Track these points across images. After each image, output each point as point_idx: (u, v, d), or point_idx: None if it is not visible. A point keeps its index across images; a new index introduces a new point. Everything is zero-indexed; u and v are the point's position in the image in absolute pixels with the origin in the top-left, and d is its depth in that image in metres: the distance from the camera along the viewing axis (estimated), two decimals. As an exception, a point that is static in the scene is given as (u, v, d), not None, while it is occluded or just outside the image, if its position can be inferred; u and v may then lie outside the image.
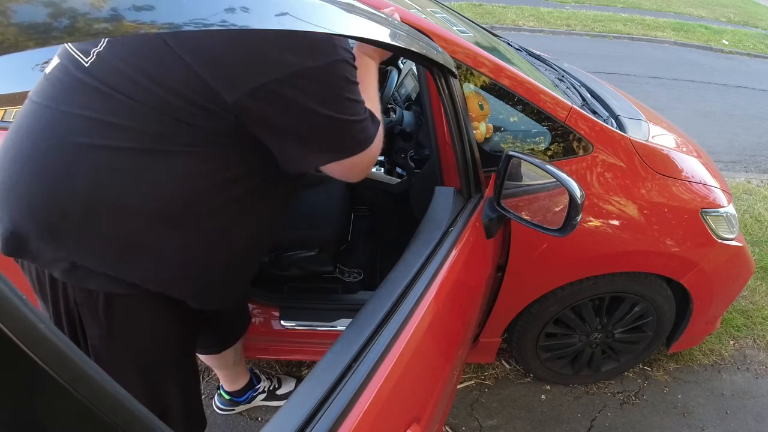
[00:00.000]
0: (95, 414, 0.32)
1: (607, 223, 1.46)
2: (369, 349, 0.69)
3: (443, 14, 1.93)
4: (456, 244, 1.00)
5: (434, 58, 0.91)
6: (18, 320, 0.27)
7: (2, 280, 0.27)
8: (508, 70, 1.36)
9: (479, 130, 1.40)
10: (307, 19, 0.62)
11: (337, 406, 0.59)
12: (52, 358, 0.28)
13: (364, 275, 1.84)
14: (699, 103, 5.43)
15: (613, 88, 2.15)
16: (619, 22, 8.62)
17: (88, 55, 0.79)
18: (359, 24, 0.68)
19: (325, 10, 0.64)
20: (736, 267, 1.67)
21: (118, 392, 0.33)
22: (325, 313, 1.67)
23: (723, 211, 1.57)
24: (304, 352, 1.73)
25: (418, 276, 0.87)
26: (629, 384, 1.97)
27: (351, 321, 0.76)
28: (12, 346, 0.26)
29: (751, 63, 7.65)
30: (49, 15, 0.28)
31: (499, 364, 1.99)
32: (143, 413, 0.36)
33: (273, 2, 0.55)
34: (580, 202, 0.99)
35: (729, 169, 3.97)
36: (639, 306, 1.68)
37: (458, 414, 1.80)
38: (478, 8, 8.32)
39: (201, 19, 0.42)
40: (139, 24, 0.35)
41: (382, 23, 0.75)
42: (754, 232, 2.92)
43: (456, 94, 1.06)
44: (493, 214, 1.17)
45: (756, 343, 2.20)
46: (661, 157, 1.56)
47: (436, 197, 1.16)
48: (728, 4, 11.91)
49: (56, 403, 0.30)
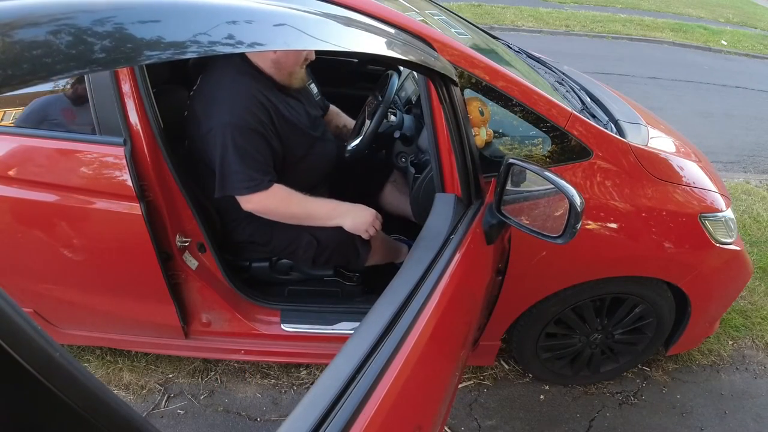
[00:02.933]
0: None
1: (607, 228, 1.46)
2: (372, 359, 0.69)
3: (441, 16, 1.93)
4: (457, 251, 1.01)
5: (434, 68, 0.92)
6: (34, 349, 0.27)
7: (17, 311, 0.27)
8: (507, 75, 1.36)
9: (479, 136, 1.41)
10: (310, 33, 0.63)
11: (342, 416, 0.60)
12: (68, 386, 0.29)
13: (364, 278, 1.85)
14: (698, 104, 5.43)
15: (612, 90, 2.15)
16: (617, 22, 8.62)
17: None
18: (359, 37, 0.69)
19: (325, 24, 0.65)
20: (734, 270, 1.68)
21: (133, 417, 0.33)
22: (325, 316, 1.68)
23: (721, 216, 1.58)
24: (304, 355, 1.73)
25: (420, 284, 0.87)
26: (628, 384, 1.98)
27: (354, 330, 0.76)
28: (27, 374, 0.27)
29: (750, 63, 7.65)
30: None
31: (498, 364, 2.00)
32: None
33: (273, 18, 0.56)
34: (580, 210, 1.00)
35: (728, 170, 3.98)
36: (639, 307, 1.69)
37: (457, 414, 1.81)
38: (477, 9, 8.31)
39: (203, 33, 0.43)
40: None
41: (381, 35, 0.75)
42: (753, 232, 2.93)
43: (456, 102, 1.07)
44: (493, 221, 1.18)
45: (755, 344, 2.21)
46: (659, 161, 1.56)
47: (436, 204, 1.17)
48: (727, 4, 11.91)
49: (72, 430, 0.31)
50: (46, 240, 1.41)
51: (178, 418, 1.73)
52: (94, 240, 1.41)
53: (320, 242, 1.62)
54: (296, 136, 1.52)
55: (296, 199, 1.46)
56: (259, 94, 1.42)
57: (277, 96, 1.48)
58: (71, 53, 0.30)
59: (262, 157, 1.40)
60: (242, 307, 1.66)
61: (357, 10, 1.14)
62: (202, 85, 1.48)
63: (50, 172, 1.34)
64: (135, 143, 1.30)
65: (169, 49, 0.37)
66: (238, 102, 1.38)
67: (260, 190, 1.39)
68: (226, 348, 1.70)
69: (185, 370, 1.87)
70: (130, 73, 1.27)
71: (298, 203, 1.47)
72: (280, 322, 1.66)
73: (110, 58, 0.33)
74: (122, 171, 1.30)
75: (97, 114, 1.29)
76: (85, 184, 1.34)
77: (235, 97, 1.39)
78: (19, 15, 0.29)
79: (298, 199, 1.46)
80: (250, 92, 1.40)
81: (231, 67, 1.45)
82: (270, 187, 1.40)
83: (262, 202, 1.42)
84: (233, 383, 1.85)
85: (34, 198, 1.35)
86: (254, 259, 1.75)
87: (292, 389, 1.86)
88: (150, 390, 1.81)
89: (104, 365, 1.87)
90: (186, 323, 1.63)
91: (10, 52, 0.27)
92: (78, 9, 0.32)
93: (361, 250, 1.67)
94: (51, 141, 1.34)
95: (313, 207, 1.50)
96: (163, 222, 1.43)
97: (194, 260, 1.57)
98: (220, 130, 1.36)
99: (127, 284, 1.53)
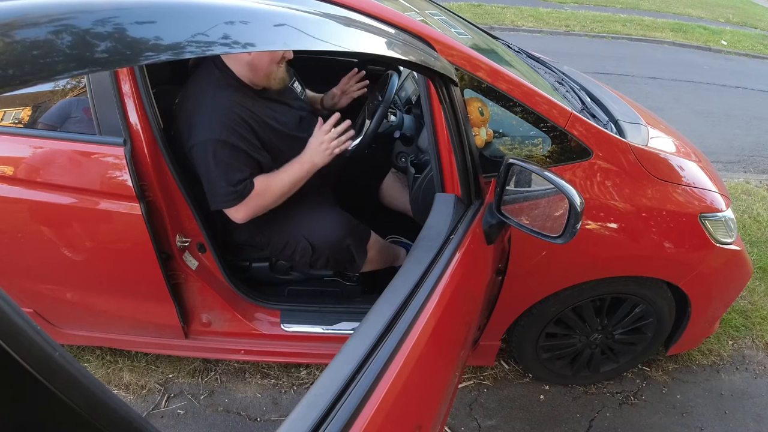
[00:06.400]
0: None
1: (607, 228, 1.46)
2: (372, 359, 0.69)
3: (441, 16, 1.93)
4: (457, 251, 1.01)
5: (434, 68, 0.92)
6: (34, 351, 0.27)
7: (17, 311, 0.27)
8: (507, 75, 1.36)
9: (479, 136, 1.41)
10: (310, 33, 0.63)
11: (342, 416, 0.60)
12: (68, 386, 0.29)
13: (364, 277, 1.85)
14: (698, 104, 5.43)
15: (612, 90, 2.15)
16: (617, 22, 8.62)
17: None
18: (359, 37, 0.69)
19: (325, 24, 0.65)
20: (734, 271, 1.68)
21: (133, 417, 0.33)
22: (325, 316, 1.68)
23: (722, 216, 1.58)
24: (304, 355, 1.74)
25: (420, 284, 0.87)
26: (628, 384, 1.98)
27: (354, 330, 0.76)
28: (27, 374, 0.27)
29: (750, 63, 7.65)
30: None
31: (498, 364, 2.00)
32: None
33: (273, 17, 0.56)
34: (579, 210, 1.00)
35: (728, 170, 3.98)
36: (639, 307, 1.69)
37: (457, 414, 1.81)
38: (477, 9, 8.31)
39: (201, 33, 0.43)
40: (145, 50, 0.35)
41: (381, 35, 0.76)
42: (753, 232, 2.93)
43: (456, 102, 1.07)
44: (493, 221, 1.18)
45: (755, 344, 2.21)
46: (660, 161, 1.56)
47: (436, 204, 1.17)
48: (727, 4, 11.91)
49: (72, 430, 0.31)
50: (46, 240, 1.41)
51: (178, 418, 1.73)
52: (94, 240, 1.41)
53: (315, 249, 1.61)
54: (284, 142, 1.52)
55: (273, 180, 1.46)
56: (240, 108, 1.41)
57: (260, 105, 1.47)
58: (71, 53, 0.30)
59: (247, 169, 1.41)
60: (242, 307, 1.66)
61: (357, 10, 1.14)
62: (182, 100, 1.47)
63: (50, 172, 1.34)
64: (135, 143, 1.30)
65: (169, 49, 0.38)
66: (217, 118, 1.38)
67: (245, 196, 1.41)
68: (226, 348, 1.70)
69: (185, 370, 1.87)
70: (130, 73, 1.27)
71: (276, 183, 1.46)
72: (280, 322, 1.66)
73: (110, 58, 0.33)
74: (122, 171, 1.30)
75: (97, 114, 1.29)
76: (85, 184, 1.34)
77: (214, 113, 1.39)
78: (19, 15, 0.29)
79: (275, 180, 1.46)
80: (231, 107, 1.40)
81: (211, 80, 1.44)
82: (252, 189, 1.41)
83: (249, 204, 1.43)
84: (233, 383, 1.86)
85: (34, 198, 1.35)
86: (254, 259, 1.75)
87: (292, 389, 1.86)
88: (150, 390, 1.81)
89: (104, 365, 1.87)
90: (186, 323, 1.63)
91: (11, 52, 0.27)
92: (78, 9, 0.32)
93: (356, 256, 1.67)
94: (51, 141, 1.34)
95: (288, 175, 1.48)
96: (163, 222, 1.43)
97: (194, 260, 1.57)
98: (201, 146, 1.37)
99: (127, 284, 1.53)
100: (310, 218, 1.63)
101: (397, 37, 0.85)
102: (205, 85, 1.44)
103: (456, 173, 1.17)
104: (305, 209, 1.63)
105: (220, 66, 1.44)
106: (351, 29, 0.67)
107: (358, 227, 1.69)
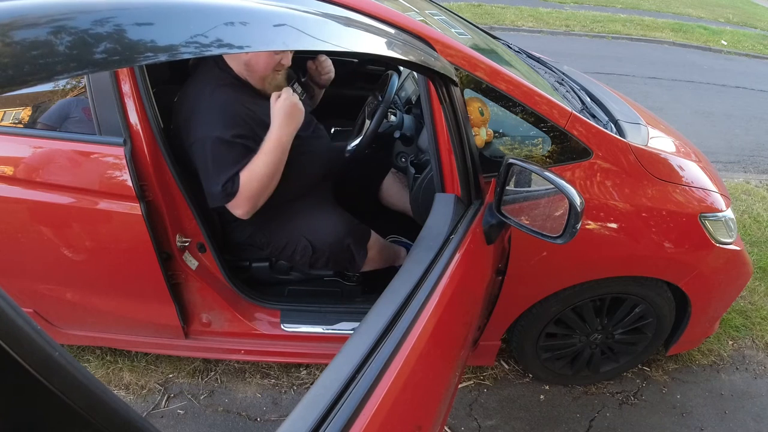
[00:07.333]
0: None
1: (607, 228, 1.46)
2: (372, 359, 0.69)
3: (441, 16, 1.93)
4: (457, 251, 1.01)
5: (434, 68, 0.92)
6: (34, 351, 0.27)
7: (17, 311, 0.27)
8: (507, 75, 1.36)
9: (479, 136, 1.41)
10: (310, 33, 0.63)
11: (342, 416, 0.60)
12: (68, 386, 0.29)
13: (364, 277, 1.85)
14: (698, 104, 5.43)
15: (612, 90, 2.15)
16: (617, 22, 8.62)
17: None
18: (359, 37, 0.69)
19: (325, 24, 0.65)
20: (734, 271, 1.68)
21: (133, 417, 0.33)
22: (325, 316, 1.68)
23: (722, 216, 1.58)
24: (304, 355, 1.74)
25: (420, 284, 0.87)
26: (628, 384, 1.98)
27: (354, 330, 0.76)
28: (27, 374, 0.27)
29: (750, 63, 7.65)
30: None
31: (498, 364, 2.00)
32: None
33: (272, 17, 0.56)
34: (579, 210, 1.00)
35: (728, 170, 3.98)
36: (639, 307, 1.69)
37: (457, 414, 1.81)
38: (477, 8, 8.32)
39: (200, 34, 0.43)
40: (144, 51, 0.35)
41: (381, 35, 0.76)
42: (753, 232, 2.93)
43: (456, 102, 1.07)
44: (493, 220, 1.18)
45: (755, 344, 2.21)
46: (660, 161, 1.56)
47: (436, 204, 1.17)
48: (727, 4, 11.91)
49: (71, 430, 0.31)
50: (46, 240, 1.41)
51: (178, 418, 1.73)
52: (94, 240, 1.41)
53: (315, 248, 1.62)
54: None
55: (253, 164, 1.38)
56: (239, 106, 1.40)
57: (260, 104, 1.45)
58: (71, 54, 0.30)
59: (241, 166, 1.39)
60: (242, 307, 1.66)
61: (357, 10, 1.14)
62: (182, 97, 1.47)
63: (50, 172, 1.34)
64: (135, 143, 1.30)
65: (168, 49, 0.38)
66: (216, 117, 1.38)
67: (236, 192, 1.38)
68: (226, 348, 1.70)
69: (185, 370, 1.87)
70: (130, 73, 1.27)
71: (257, 164, 1.38)
72: (280, 322, 1.66)
73: (110, 58, 0.33)
74: (122, 171, 1.30)
75: (97, 114, 1.29)
76: (85, 184, 1.34)
77: (213, 112, 1.38)
78: (18, 15, 0.29)
79: (254, 163, 1.38)
80: (230, 105, 1.39)
81: (211, 77, 1.43)
82: (239, 183, 1.37)
83: (243, 196, 1.38)
84: (233, 383, 1.86)
85: (34, 198, 1.35)
86: (254, 259, 1.75)
87: (292, 389, 1.86)
88: (150, 390, 1.81)
89: (104, 365, 1.87)
90: (186, 323, 1.63)
91: (11, 52, 0.27)
92: (77, 10, 0.32)
93: (356, 256, 1.66)
94: (51, 141, 1.34)
95: (264, 153, 1.39)
96: (163, 222, 1.43)
97: (194, 260, 1.57)
98: (200, 144, 1.37)
99: (127, 284, 1.53)
100: (310, 218, 1.63)
101: (397, 37, 0.85)
102: (205, 83, 1.44)
103: (456, 173, 1.17)
104: (305, 209, 1.63)
105: (220, 64, 1.44)
106: (351, 29, 0.67)
107: (358, 227, 1.69)
